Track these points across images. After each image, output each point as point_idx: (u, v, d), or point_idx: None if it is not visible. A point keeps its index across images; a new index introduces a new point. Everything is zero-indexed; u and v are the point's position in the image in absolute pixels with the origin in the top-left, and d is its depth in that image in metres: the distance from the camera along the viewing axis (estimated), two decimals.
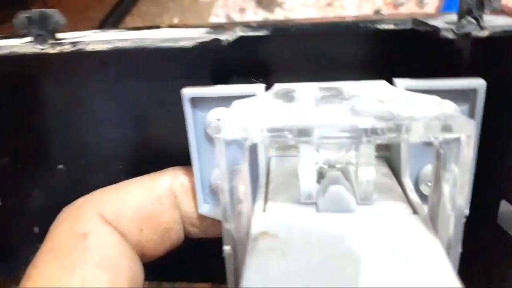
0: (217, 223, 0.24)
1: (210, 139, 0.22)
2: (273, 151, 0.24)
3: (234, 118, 0.16)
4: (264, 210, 0.19)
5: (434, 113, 0.15)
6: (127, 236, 0.22)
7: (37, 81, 0.27)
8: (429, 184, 0.22)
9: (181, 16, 0.65)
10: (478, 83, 0.20)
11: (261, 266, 0.15)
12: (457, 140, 0.15)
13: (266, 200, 0.20)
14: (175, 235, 0.24)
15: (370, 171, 0.18)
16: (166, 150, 0.26)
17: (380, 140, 0.15)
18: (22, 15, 0.21)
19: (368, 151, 0.18)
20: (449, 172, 0.15)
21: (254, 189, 0.20)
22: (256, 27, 0.22)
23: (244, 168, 0.16)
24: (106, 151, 0.28)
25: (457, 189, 0.15)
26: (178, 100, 0.21)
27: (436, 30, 0.20)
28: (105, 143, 0.28)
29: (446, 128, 0.15)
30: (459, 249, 0.16)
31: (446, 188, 0.16)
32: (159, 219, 0.23)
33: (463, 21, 0.19)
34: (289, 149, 0.24)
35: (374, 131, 0.15)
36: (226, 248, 0.17)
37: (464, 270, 0.16)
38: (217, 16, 0.66)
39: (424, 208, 0.18)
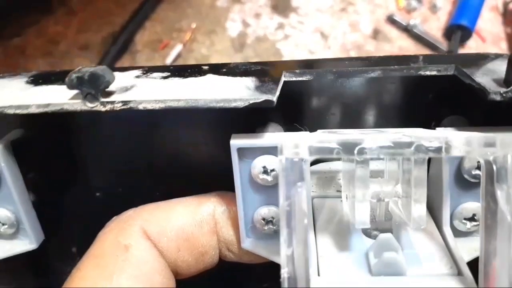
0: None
1: (254, 184, 0.23)
2: (314, 188, 0.25)
3: (290, 141, 0.17)
4: (318, 274, 0.20)
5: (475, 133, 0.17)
6: (165, 254, 0.23)
7: (82, 122, 0.28)
8: (464, 221, 0.23)
9: (199, 21, 0.67)
10: None
11: None
12: (505, 156, 0.16)
13: (317, 256, 0.21)
14: (209, 259, 0.25)
15: (422, 201, 0.19)
16: (202, 182, 0.27)
17: (424, 154, 0.16)
18: (73, 75, 0.21)
19: (421, 174, 0.19)
20: (501, 186, 0.16)
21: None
22: (300, 73, 0.22)
23: (302, 186, 0.17)
24: (142, 180, 0.29)
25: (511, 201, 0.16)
26: (216, 138, 0.22)
27: (484, 91, 0.20)
28: (143, 173, 0.29)
29: (489, 144, 0.16)
30: None
31: (501, 201, 0.16)
32: (197, 243, 0.24)
33: None
34: (329, 186, 0.25)
35: (418, 147, 0.16)
36: (283, 271, 0.17)
37: None
38: (234, 22, 0.68)
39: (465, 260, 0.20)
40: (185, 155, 0.28)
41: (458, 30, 0.64)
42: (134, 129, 0.28)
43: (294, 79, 0.22)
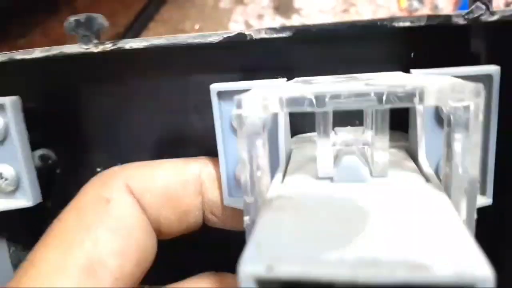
0: (236, 215, 0.24)
1: (235, 132, 0.23)
2: (294, 145, 0.25)
3: (254, 93, 0.16)
4: (282, 182, 0.20)
5: (446, 81, 0.16)
6: (147, 211, 0.23)
7: (79, 86, 0.29)
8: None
9: (202, 22, 0.68)
10: (493, 69, 0.21)
11: (274, 218, 0.15)
12: (467, 106, 0.15)
13: (284, 175, 0.20)
14: (193, 219, 0.25)
15: (385, 148, 0.19)
16: (201, 151, 0.27)
17: (393, 104, 0.15)
18: (71, 19, 0.24)
19: (383, 126, 0.19)
20: (459, 137, 0.16)
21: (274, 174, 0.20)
22: (279, 29, 0.23)
23: (263, 138, 0.16)
24: (142, 154, 0.29)
25: (468, 154, 0.16)
26: (209, 101, 0.22)
27: (447, 18, 0.21)
28: (141, 147, 0.30)
29: (457, 95, 0.15)
30: (474, 215, 0.16)
31: (457, 152, 0.16)
32: (180, 202, 0.24)
33: (473, 7, 0.20)
34: (309, 142, 0.25)
35: (387, 96, 0.15)
36: (246, 218, 0.18)
37: (496, 260, 0.16)
38: (237, 23, 0.68)
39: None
40: (184, 128, 0.29)
41: None
42: (134, 103, 0.28)
43: (274, 35, 0.23)
